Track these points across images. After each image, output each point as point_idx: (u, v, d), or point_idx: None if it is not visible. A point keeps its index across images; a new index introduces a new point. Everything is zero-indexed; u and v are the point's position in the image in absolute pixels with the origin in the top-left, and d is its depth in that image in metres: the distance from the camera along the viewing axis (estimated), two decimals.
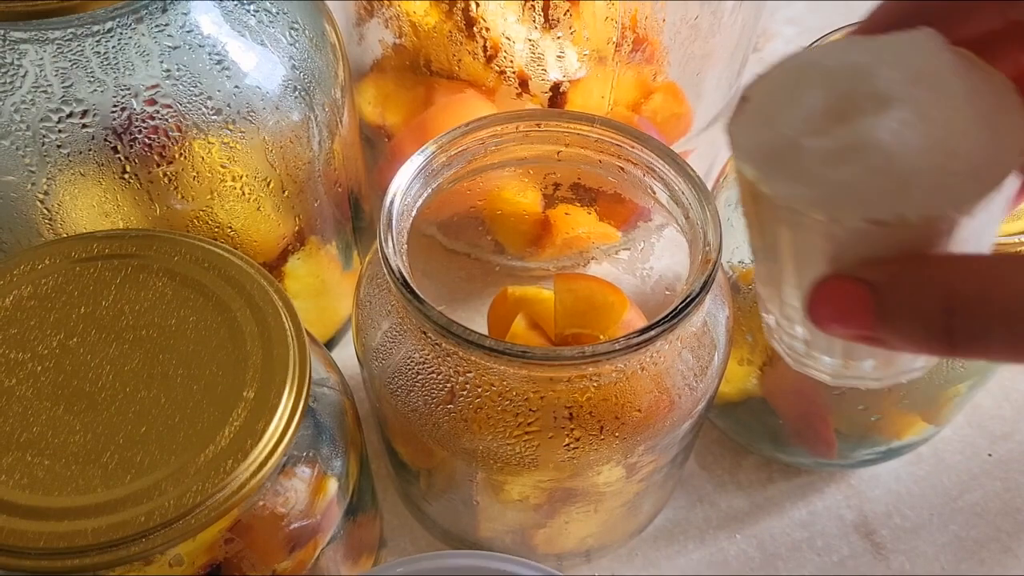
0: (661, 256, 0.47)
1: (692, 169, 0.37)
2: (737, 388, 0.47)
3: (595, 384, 0.34)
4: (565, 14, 0.42)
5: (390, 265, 0.33)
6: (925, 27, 0.24)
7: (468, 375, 0.34)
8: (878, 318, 0.23)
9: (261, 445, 0.30)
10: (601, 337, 0.43)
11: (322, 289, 0.48)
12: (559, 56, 0.44)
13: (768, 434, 0.49)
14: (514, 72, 0.44)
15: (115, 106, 0.34)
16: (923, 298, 0.22)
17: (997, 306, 0.21)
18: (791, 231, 0.24)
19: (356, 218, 0.49)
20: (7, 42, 0.33)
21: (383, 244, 0.34)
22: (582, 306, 0.43)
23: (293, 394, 0.31)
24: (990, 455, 0.52)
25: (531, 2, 0.42)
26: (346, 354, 0.48)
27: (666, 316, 0.32)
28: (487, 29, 0.43)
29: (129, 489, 0.29)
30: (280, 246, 0.43)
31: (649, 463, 0.39)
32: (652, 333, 0.32)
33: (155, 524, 0.28)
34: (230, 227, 0.39)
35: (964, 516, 0.49)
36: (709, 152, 0.57)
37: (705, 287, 0.33)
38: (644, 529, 0.48)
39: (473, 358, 0.34)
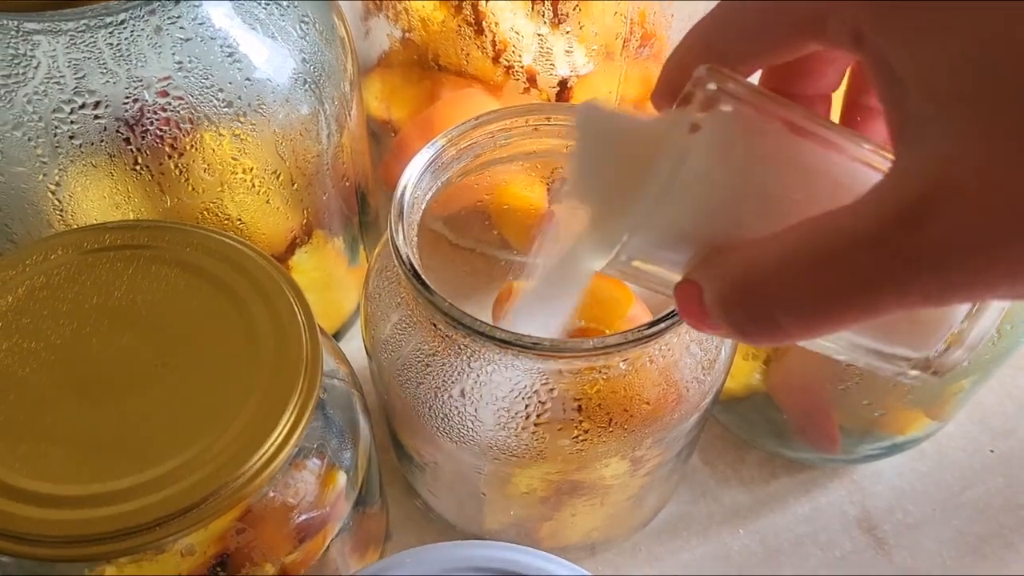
0: None
1: None
2: (741, 383, 0.47)
3: (604, 376, 0.34)
4: (574, 9, 0.42)
5: (400, 255, 0.33)
6: (588, 103, 0.26)
7: (477, 367, 0.35)
8: (708, 314, 0.23)
9: (274, 435, 0.30)
10: (606, 331, 0.43)
11: (328, 283, 0.48)
12: (567, 51, 0.44)
13: (772, 429, 0.49)
14: (522, 67, 0.45)
15: (127, 98, 0.34)
16: (714, 294, 0.23)
17: (761, 294, 0.22)
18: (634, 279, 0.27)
19: (362, 212, 0.49)
20: (20, 33, 0.33)
21: (394, 234, 0.34)
22: (587, 301, 0.43)
23: (305, 385, 0.31)
24: (992, 451, 0.52)
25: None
26: (351, 348, 0.48)
27: (675, 309, 0.32)
28: (496, 24, 0.43)
29: (142, 478, 0.29)
30: (288, 239, 0.43)
31: (655, 456, 0.39)
32: (662, 326, 0.32)
33: (168, 513, 0.28)
34: (239, 219, 0.39)
35: (966, 512, 0.50)
36: None
37: None
38: (648, 523, 0.48)
39: (483, 350, 0.34)
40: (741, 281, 0.22)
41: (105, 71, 0.34)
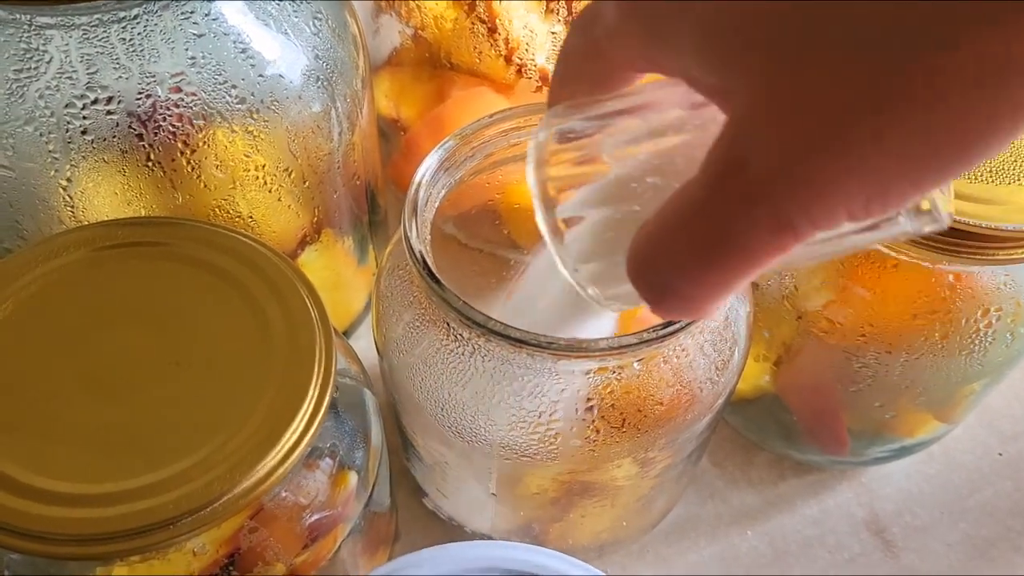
0: None
1: None
2: (751, 385, 0.47)
3: (618, 377, 0.34)
4: None
5: (414, 251, 0.33)
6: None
7: (490, 366, 0.34)
8: None
9: (287, 435, 0.30)
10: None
11: (337, 282, 0.48)
12: None
13: (781, 431, 0.49)
14: (535, 67, 0.44)
15: (140, 93, 0.34)
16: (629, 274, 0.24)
17: (651, 263, 0.23)
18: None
19: (372, 212, 0.49)
20: (33, 27, 0.32)
21: (407, 231, 0.34)
22: None
23: (319, 384, 0.31)
24: (1000, 454, 0.52)
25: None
26: (358, 347, 0.47)
27: None
28: (509, 22, 0.43)
29: (155, 477, 0.29)
30: (298, 237, 0.43)
31: (666, 458, 0.39)
32: (677, 326, 0.32)
33: (181, 512, 0.28)
34: (250, 217, 0.39)
35: (974, 515, 0.50)
36: None
37: None
38: (657, 525, 0.48)
39: (496, 348, 0.34)
40: (638, 254, 0.23)
41: (118, 66, 0.33)
